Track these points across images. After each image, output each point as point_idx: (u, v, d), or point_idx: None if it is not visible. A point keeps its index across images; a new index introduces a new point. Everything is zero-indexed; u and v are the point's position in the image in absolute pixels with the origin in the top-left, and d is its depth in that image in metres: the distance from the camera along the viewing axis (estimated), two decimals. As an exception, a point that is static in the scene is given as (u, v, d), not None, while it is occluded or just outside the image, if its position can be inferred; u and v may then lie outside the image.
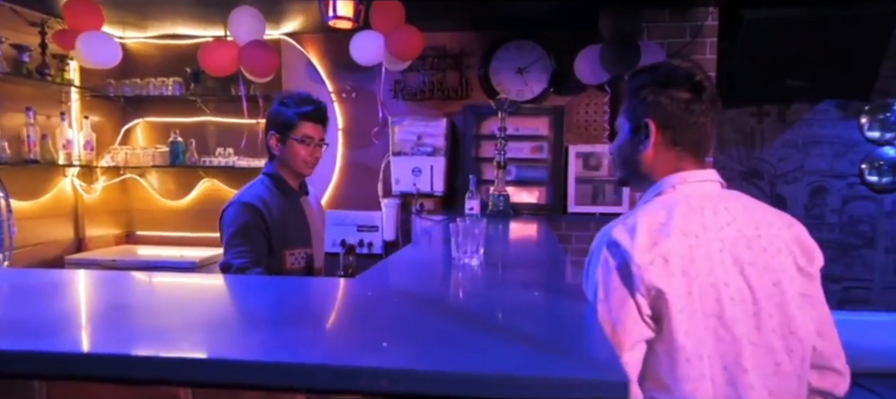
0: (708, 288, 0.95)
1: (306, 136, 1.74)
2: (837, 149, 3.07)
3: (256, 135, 3.59)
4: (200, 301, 1.01)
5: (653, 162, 1.09)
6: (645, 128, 1.08)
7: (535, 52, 3.35)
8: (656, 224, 0.98)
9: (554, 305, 0.99)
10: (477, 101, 3.40)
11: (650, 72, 1.09)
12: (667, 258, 0.95)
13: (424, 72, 3.44)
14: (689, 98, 1.04)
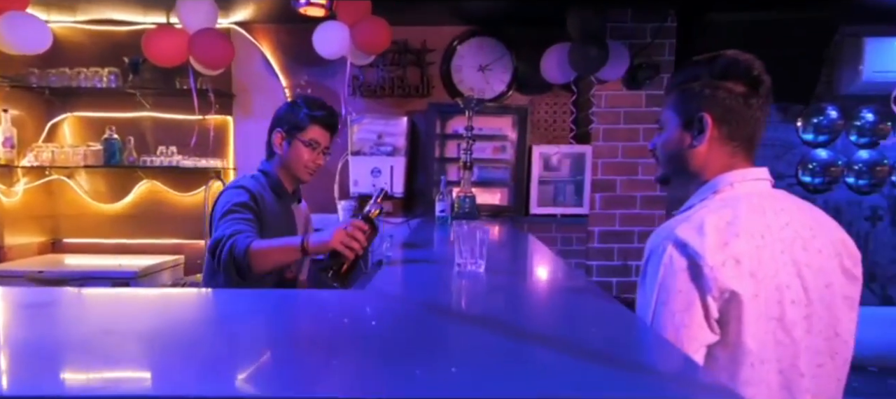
0: (772, 290, 0.94)
1: (314, 140, 1.68)
2: (777, 150, 3.27)
3: (208, 132, 3.36)
4: (196, 321, 0.89)
5: (705, 158, 1.04)
6: (699, 122, 1.03)
7: (496, 50, 3.34)
8: (723, 223, 0.95)
9: (601, 314, 0.96)
10: (439, 98, 3.35)
11: (706, 64, 1.04)
12: (738, 259, 0.92)
13: (384, 68, 3.34)
14: (746, 92, 1.01)
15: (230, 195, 1.57)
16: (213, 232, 1.51)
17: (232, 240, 1.40)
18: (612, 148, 3.03)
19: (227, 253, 1.39)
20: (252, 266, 1.38)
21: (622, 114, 3.02)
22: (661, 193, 3.03)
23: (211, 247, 1.45)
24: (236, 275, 1.40)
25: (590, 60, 2.69)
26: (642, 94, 3.01)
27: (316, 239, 1.37)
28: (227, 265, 1.39)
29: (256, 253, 1.38)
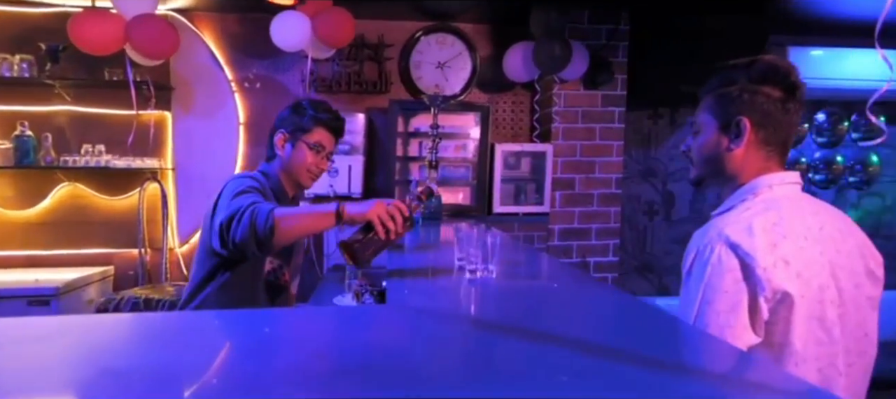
0: (816, 291, 0.96)
1: (319, 143, 1.60)
2: (715, 149, 3.51)
3: (148, 130, 3.05)
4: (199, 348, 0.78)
5: (743, 161, 1.07)
6: (736, 126, 1.06)
7: (455, 47, 3.31)
8: (770, 224, 0.97)
9: (646, 319, 0.94)
10: (398, 95, 3.27)
11: (744, 68, 1.07)
12: (787, 260, 0.94)
13: (340, 63, 3.21)
14: (783, 97, 1.04)
15: (240, 180, 1.46)
16: (219, 214, 1.36)
17: (252, 207, 1.27)
18: (571, 146, 3.11)
19: (247, 221, 1.25)
20: (277, 233, 1.24)
21: (580, 113, 3.11)
22: (618, 191, 3.15)
23: (224, 221, 1.29)
24: (255, 246, 1.25)
25: (555, 59, 2.73)
26: (599, 94, 3.11)
27: (353, 207, 1.26)
28: (245, 236, 1.24)
29: (282, 219, 1.25)
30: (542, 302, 1.10)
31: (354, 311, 0.96)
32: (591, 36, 3.03)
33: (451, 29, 3.28)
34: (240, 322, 0.89)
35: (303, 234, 1.34)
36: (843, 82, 3.28)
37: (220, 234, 1.30)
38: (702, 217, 3.50)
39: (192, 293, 1.52)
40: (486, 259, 1.23)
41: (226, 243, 1.30)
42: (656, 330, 0.87)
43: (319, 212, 1.29)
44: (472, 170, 3.13)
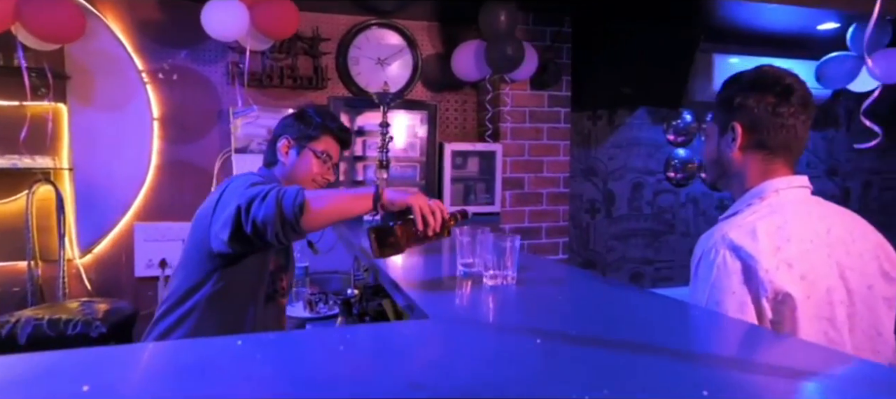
0: (823, 292, 0.98)
1: (327, 152, 1.48)
2: (649, 149, 3.62)
3: (44, 123, 2.58)
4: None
5: (741, 164, 1.10)
6: (732, 130, 1.09)
7: (396, 43, 3.15)
8: (774, 228, 0.99)
9: (696, 319, 0.88)
10: (336, 92, 3.05)
11: (739, 76, 1.11)
12: (790, 263, 0.96)
13: (271, 56, 2.93)
14: (775, 101, 1.05)
15: (249, 176, 1.34)
16: (230, 204, 1.18)
17: (277, 190, 1.12)
18: (520, 146, 3.06)
19: (273, 199, 1.09)
20: (306, 214, 1.10)
21: (527, 113, 3.07)
22: (565, 190, 3.14)
23: (244, 203, 1.12)
24: (280, 226, 1.09)
25: (508, 59, 2.66)
26: (545, 95, 3.09)
27: (393, 193, 1.15)
28: (269, 215, 1.09)
29: (314, 199, 1.12)
30: (587, 307, 1.00)
31: (414, 329, 0.79)
32: (536, 37, 3.00)
33: (390, 25, 3.12)
34: (297, 345, 0.68)
35: (335, 218, 1.17)
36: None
37: (234, 221, 1.13)
38: (640, 214, 3.59)
39: (174, 303, 1.29)
40: (502, 265, 1.11)
41: (239, 231, 1.13)
42: (709, 328, 0.84)
43: (355, 194, 1.16)
44: (421, 169, 2.98)
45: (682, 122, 3.66)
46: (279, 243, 1.11)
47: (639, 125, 3.59)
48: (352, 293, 1.86)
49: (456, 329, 0.78)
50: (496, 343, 0.70)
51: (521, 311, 0.94)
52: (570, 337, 0.74)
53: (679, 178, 3.68)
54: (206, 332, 1.24)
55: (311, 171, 1.45)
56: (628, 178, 3.58)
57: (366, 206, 1.14)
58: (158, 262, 2.80)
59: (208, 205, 1.29)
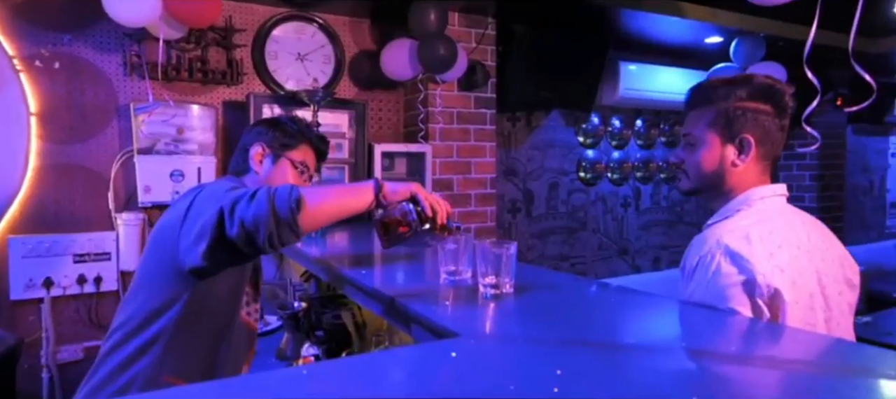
0: (807, 297, 1.02)
1: (304, 162, 1.36)
2: (563, 150, 3.79)
3: None
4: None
5: (742, 175, 1.10)
6: (741, 142, 1.09)
7: (317, 38, 3.00)
8: (766, 233, 1.01)
9: (716, 319, 0.91)
10: (253, 88, 2.83)
11: (743, 85, 1.09)
12: (782, 268, 0.99)
13: (176, 46, 2.64)
14: (779, 115, 1.09)
15: (226, 181, 1.25)
16: (197, 218, 1.05)
17: (267, 188, 1.00)
18: (448, 147, 3.05)
19: (264, 198, 0.97)
20: (305, 211, 0.99)
21: (455, 114, 3.07)
22: (492, 191, 3.18)
23: (228, 206, 1.00)
24: (274, 228, 0.97)
25: (441, 59, 2.64)
26: (471, 96, 3.11)
27: (392, 185, 1.11)
28: (260, 216, 0.97)
29: (309, 195, 1.01)
30: (604, 313, 0.99)
31: (463, 350, 0.71)
32: (463, 38, 3.01)
33: (311, 18, 2.96)
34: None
35: (334, 216, 1.07)
36: (656, 94, 3.83)
37: (214, 228, 1.00)
38: (556, 213, 3.75)
39: (133, 330, 1.11)
40: (500, 273, 1.08)
41: (220, 241, 1.00)
42: (729, 330, 0.85)
43: (354, 189, 1.09)
44: (349, 171, 2.85)
45: (590, 124, 3.88)
46: (271, 248, 0.98)
47: (553, 127, 3.74)
48: (298, 306, 1.72)
49: (505, 347, 0.74)
50: (562, 358, 0.67)
51: (549, 321, 0.91)
52: (616, 345, 0.74)
53: (589, 178, 3.90)
54: (173, 362, 1.08)
55: (287, 182, 1.32)
56: (545, 178, 3.72)
57: (367, 202, 1.07)
58: (42, 282, 2.40)
59: (174, 216, 1.12)
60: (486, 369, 0.64)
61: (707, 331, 0.85)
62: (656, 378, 0.58)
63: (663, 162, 4.16)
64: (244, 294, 1.21)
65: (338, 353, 1.55)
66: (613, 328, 0.87)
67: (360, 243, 1.98)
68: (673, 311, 0.97)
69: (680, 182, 1.20)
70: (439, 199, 1.10)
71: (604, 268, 3.96)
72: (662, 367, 0.62)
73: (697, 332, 0.86)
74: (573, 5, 2.96)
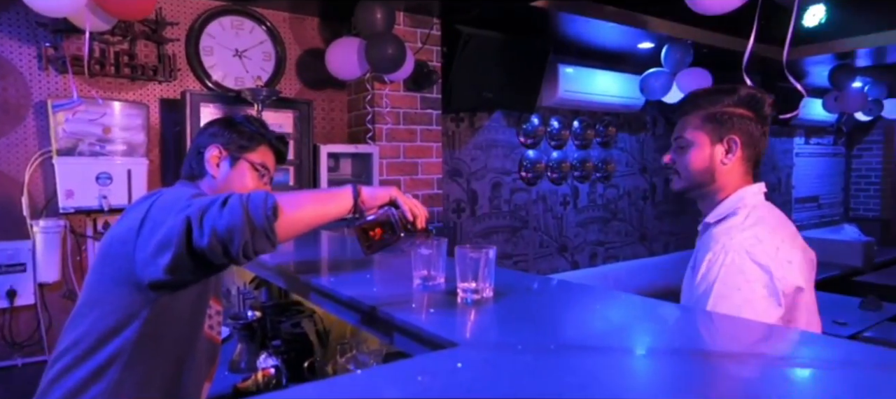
0: (806, 285, 1.12)
1: (264, 164, 1.30)
2: (505, 151, 3.85)
3: None
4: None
5: (729, 173, 1.19)
6: (728, 143, 1.18)
7: (255, 35, 2.87)
8: (769, 231, 1.11)
9: (713, 322, 0.95)
10: (187, 85, 2.67)
11: (729, 94, 1.19)
12: (790, 260, 1.09)
13: (101, 39, 2.44)
14: (762, 121, 1.19)
15: (185, 188, 1.16)
16: (156, 228, 0.97)
17: (239, 195, 0.95)
18: (395, 148, 3.01)
19: (237, 204, 0.91)
20: (282, 219, 0.95)
21: (402, 114, 3.04)
22: (439, 191, 3.18)
23: (196, 214, 0.92)
24: (249, 236, 0.92)
25: (390, 58, 2.60)
26: (418, 96, 3.09)
27: (370, 189, 1.07)
28: (235, 223, 0.91)
29: (286, 202, 0.96)
30: (600, 316, 1.00)
31: (470, 360, 0.69)
32: (408, 38, 2.98)
33: (249, 13, 2.83)
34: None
35: (312, 223, 1.01)
36: (593, 96, 3.98)
37: (180, 238, 0.92)
38: (500, 212, 3.80)
39: (87, 351, 1.00)
40: (480, 278, 1.07)
41: (186, 251, 0.93)
42: (726, 329, 0.87)
43: (332, 194, 1.04)
44: (294, 173, 2.75)
45: (531, 125, 3.97)
46: (245, 258, 0.92)
47: (495, 128, 3.79)
48: (252, 315, 1.64)
49: (510, 356, 0.73)
50: (571, 364, 0.68)
51: (543, 327, 0.90)
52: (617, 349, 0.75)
53: (530, 178, 3.98)
54: (133, 386, 0.98)
55: (246, 186, 1.24)
56: (488, 177, 3.76)
57: (346, 208, 1.03)
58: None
59: (128, 226, 1.02)
60: (498, 379, 0.63)
61: (699, 330, 0.88)
62: (667, 380, 0.60)
63: (599, 162, 4.33)
64: (208, 306, 1.13)
65: (299, 364, 1.49)
66: (610, 332, 0.89)
67: (307, 249, 1.91)
68: (649, 309, 1.00)
69: (672, 182, 1.28)
70: (417, 202, 1.08)
71: (545, 265, 4.07)
72: (665, 369, 0.64)
73: (687, 331, 0.88)
74: (516, 8, 3.01)
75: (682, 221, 4.99)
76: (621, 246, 4.54)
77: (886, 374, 0.65)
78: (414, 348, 0.86)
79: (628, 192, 4.55)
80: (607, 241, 4.42)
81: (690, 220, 5.06)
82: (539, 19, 3.26)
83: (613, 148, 4.44)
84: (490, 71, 3.34)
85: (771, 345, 0.83)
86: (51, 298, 2.38)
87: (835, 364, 0.70)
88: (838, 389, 0.63)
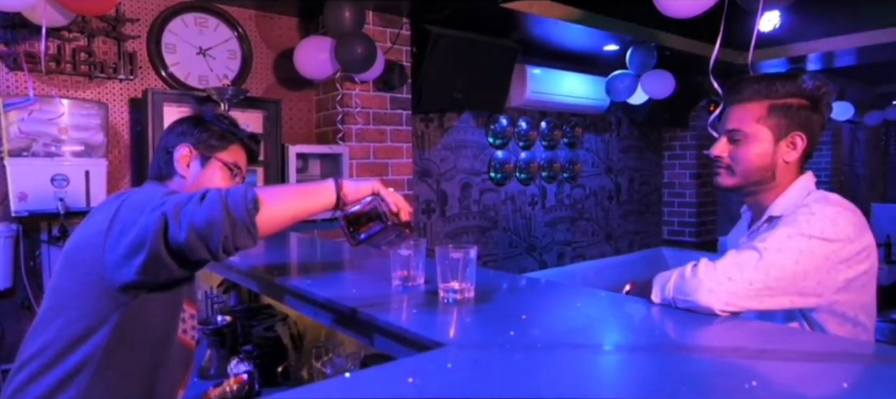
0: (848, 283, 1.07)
1: (236, 163, 1.25)
2: (475, 151, 3.87)
3: None
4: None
5: (789, 171, 1.13)
6: (795, 140, 1.11)
7: (221, 32, 2.80)
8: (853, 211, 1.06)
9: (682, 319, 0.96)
10: (149, 83, 2.58)
11: (790, 82, 1.11)
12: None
13: (57, 35, 2.33)
14: (822, 114, 1.14)
15: (156, 187, 1.12)
16: (127, 229, 0.93)
17: (217, 189, 0.92)
18: (365, 148, 2.99)
19: (216, 199, 0.88)
20: (263, 213, 0.92)
21: (372, 114, 3.01)
22: (410, 192, 3.17)
23: (172, 211, 0.89)
24: (231, 232, 0.89)
25: (360, 58, 2.58)
26: (387, 96, 3.07)
27: (352, 182, 1.04)
28: (213, 218, 0.88)
29: (267, 196, 0.93)
30: (580, 314, 1.01)
31: (456, 361, 0.68)
32: (378, 38, 2.96)
33: (213, 10, 2.76)
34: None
35: (293, 218, 0.98)
36: (560, 97, 4.04)
37: (155, 236, 0.89)
38: (469, 212, 3.81)
39: (54, 358, 0.95)
40: (462, 278, 1.08)
41: (162, 250, 0.89)
42: (711, 329, 0.89)
43: (314, 187, 1.01)
44: (263, 173, 2.70)
45: (499, 125, 4.00)
46: (226, 254, 0.89)
47: (464, 128, 3.81)
48: (222, 320, 1.60)
49: (498, 355, 0.73)
50: (563, 362, 0.68)
51: (528, 325, 0.90)
52: (600, 346, 0.76)
53: (499, 178, 4.01)
54: (103, 392, 0.94)
55: (218, 186, 1.20)
56: (458, 178, 3.77)
57: (328, 202, 1.00)
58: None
59: (94, 228, 0.97)
60: (489, 378, 0.63)
61: (680, 328, 0.89)
62: (655, 377, 0.61)
63: (566, 162, 4.40)
64: (181, 310, 1.09)
65: (272, 369, 1.46)
66: (593, 329, 0.90)
67: (279, 251, 1.87)
68: (632, 307, 1.02)
69: (720, 176, 1.17)
70: (400, 196, 1.07)
71: (514, 264, 4.10)
72: (652, 365, 0.65)
73: (671, 329, 0.89)
74: (484, 8, 3.03)
75: (646, 220, 5.12)
76: (588, 245, 4.62)
77: (844, 364, 0.68)
78: (397, 350, 0.85)
79: (595, 192, 4.64)
80: (574, 241, 4.49)
81: (654, 219, 5.19)
82: (507, 20, 3.28)
83: (580, 148, 4.51)
84: (459, 71, 3.34)
85: (749, 338, 0.85)
86: (4, 306, 2.27)
87: (798, 355, 0.73)
88: (802, 380, 0.65)
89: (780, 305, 0.99)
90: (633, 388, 0.60)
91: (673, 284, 0.99)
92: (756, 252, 0.98)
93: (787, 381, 0.64)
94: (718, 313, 0.93)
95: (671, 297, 0.99)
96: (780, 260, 0.96)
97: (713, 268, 0.97)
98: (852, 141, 7.03)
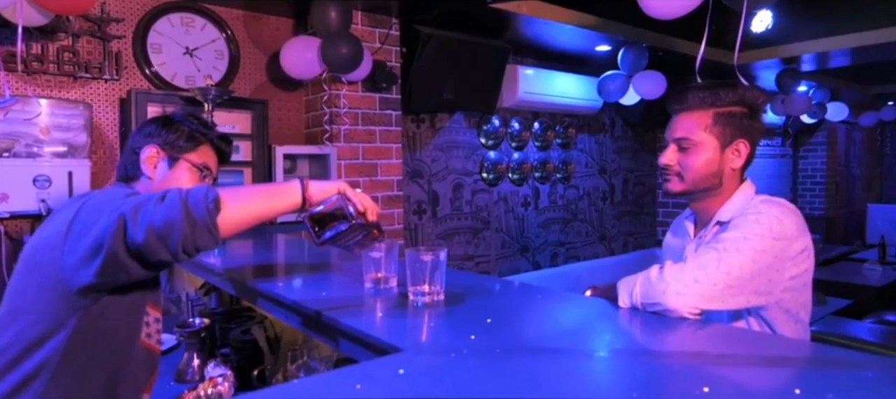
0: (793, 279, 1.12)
1: (206, 165, 1.22)
2: (466, 152, 3.85)
3: None
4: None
5: (734, 175, 1.17)
6: (742, 148, 1.15)
7: (207, 32, 2.79)
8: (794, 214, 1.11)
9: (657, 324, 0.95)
10: (135, 84, 2.56)
11: (731, 91, 1.14)
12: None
13: (41, 36, 2.32)
14: (760, 120, 1.18)
15: (120, 188, 1.11)
16: (86, 230, 0.91)
17: (177, 190, 0.91)
18: (354, 149, 2.97)
19: (176, 199, 0.87)
20: (224, 214, 0.90)
21: (360, 115, 3.00)
22: (400, 192, 3.15)
23: (131, 211, 0.87)
24: (189, 231, 0.87)
25: (347, 58, 2.56)
26: (376, 97, 3.06)
27: (317, 183, 1.02)
28: (173, 218, 0.86)
29: (229, 196, 0.91)
30: (548, 319, 0.99)
31: (412, 366, 0.67)
32: (367, 38, 2.95)
33: (199, 10, 2.75)
34: None
35: (255, 219, 0.96)
36: (552, 98, 4.02)
37: (113, 237, 0.87)
38: (461, 213, 3.80)
39: (11, 362, 0.94)
40: (432, 281, 1.06)
41: (121, 251, 0.87)
42: (672, 331, 0.87)
43: (278, 188, 1.01)
44: (249, 174, 2.68)
45: (491, 126, 3.98)
46: (186, 255, 0.87)
47: (456, 129, 3.79)
48: (200, 323, 1.58)
49: (454, 361, 0.71)
50: (516, 368, 0.66)
51: (491, 330, 0.88)
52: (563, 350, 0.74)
53: (491, 179, 3.99)
54: (61, 397, 0.92)
55: (186, 187, 1.18)
56: (449, 179, 3.75)
57: (293, 202, 0.99)
58: None
59: (54, 230, 0.95)
60: (440, 385, 0.61)
61: (643, 330, 0.88)
62: (615, 382, 0.59)
63: (559, 163, 4.38)
64: (145, 313, 1.07)
65: (248, 372, 1.44)
66: (557, 334, 0.88)
67: (262, 253, 1.86)
68: (600, 311, 1.00)
69: (670, 183, 1.20)
70: (368, 197, 1.05)
71: (507, 265, 4.08)
72: (617, 370, 0.63)
73: (638, 332, 0.89)
74: (475, 8, 3.01)
75: (640, 221, 5.10)
76: (582, 246, 4.60)
77: (830, 370, 0.66)
78: (360, 354, 0.83)
79: (588, 193, 4.62)
80: (568, 242, 4.48)
81: (648, 220, 5.17)
82: (498, 21, 3.27)
83: (573, 149, 4.49)
84: (450, 72, 3.32)
85: (723, 345, 0.84)
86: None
87: (781, 361, 0.72)
88: (785, 386, 0.64)
89: (739, 304, 1.01)
90: (587, 392, 0.59)
91: (640, 290, 0.99)
92: (716, 252, 1.00)
93: (740, 382, 0.63)
94: (687, 316, 0.93)
95: (639, 303, 0.98)
96: (739, 260, 0.99)
97: (679, 270, 0.98)
98: (848, 142, 7.02)
